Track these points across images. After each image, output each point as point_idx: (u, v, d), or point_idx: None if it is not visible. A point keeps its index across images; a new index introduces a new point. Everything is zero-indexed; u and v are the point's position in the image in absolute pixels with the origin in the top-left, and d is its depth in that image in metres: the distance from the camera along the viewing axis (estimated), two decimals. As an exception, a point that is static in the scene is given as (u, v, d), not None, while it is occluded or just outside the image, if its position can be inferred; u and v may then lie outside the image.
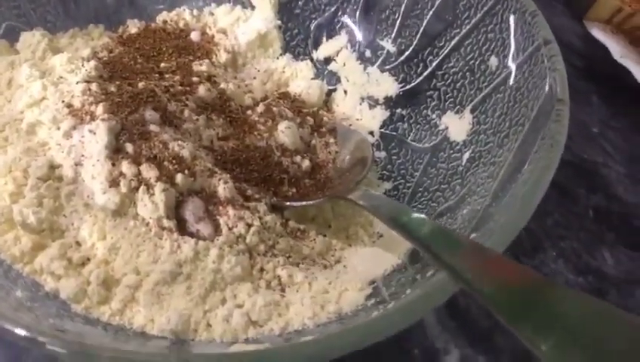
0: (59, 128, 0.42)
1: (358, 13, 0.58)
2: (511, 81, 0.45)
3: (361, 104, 0.57)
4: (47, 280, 0.39)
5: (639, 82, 0.53)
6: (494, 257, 0.32)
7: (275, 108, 0.52)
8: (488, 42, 0.49)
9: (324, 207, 0.49)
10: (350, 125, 0.56)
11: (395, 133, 0.55)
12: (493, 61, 0.48)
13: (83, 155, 0.42)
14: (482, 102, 0.48)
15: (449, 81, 0.52)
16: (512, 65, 0.46)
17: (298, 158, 0.50)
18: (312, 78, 0.59)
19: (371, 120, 0.56)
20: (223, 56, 0.56)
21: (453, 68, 0.52)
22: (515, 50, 0.46)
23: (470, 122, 0.49)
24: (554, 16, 0.72)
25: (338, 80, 0.59)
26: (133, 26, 0.56)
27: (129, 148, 0.42)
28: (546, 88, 0.41)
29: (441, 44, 0.53)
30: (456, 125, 0.50)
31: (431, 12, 0.53)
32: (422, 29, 0.54)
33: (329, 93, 0.59)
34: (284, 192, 0.48)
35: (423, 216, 0.40)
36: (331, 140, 0.53)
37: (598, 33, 0.58)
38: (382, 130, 0.56)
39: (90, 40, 0.54)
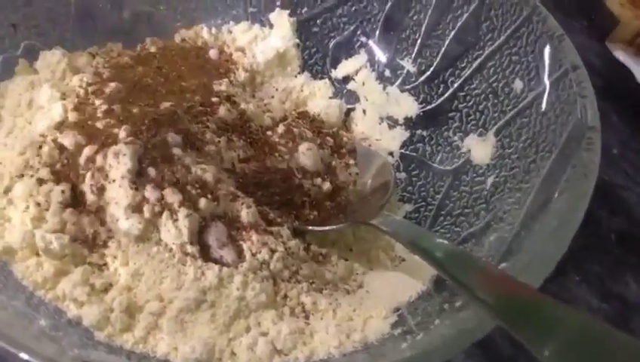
0: (81, 152, 0.42)
1: (377, 32, 0.58)
2: (537, 106, 0.45)
3: (380, 124, 0.57)
4: (70, 306, 0.38)
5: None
6: (522, 288, 0.32)
7: (295, 129, 0.51)
8: (512, 65, 0.48)
9: (345, 231, 0.48)
10: (370, 145, 0.55)
11: (415, 154, 0.54)
12: (518, 84, 0.47)
13: (106, 180, 0.41)
14: (506, 125, 0.48)
15: (471, 102, 0.51)
16: (538, 90, 0.45)
17: (319, 180, 0.49)
18: (331, 98, 0.58)
19: (391, 140, 0.56)
20: (241, 75, 0.56)
21: (476, 90, 0.51)
22: (541, 75, 0.45)
23: (494, 145, 0.48)
24: (572, 35, 0.71)
25: (357, 99, 0.59)
26: (152, 44, 0.56)
27: (152, 172, 0.41)
28: (577, 115, 0.41)
29: (462, 65, 0.52)
30: (480, 148, 0.50)
31: (452, 33, 0.53)
32: (443, 49, 0.54)
33: (348, 112, 0.58)
34: (305, 215, 0.48)
35: (445, 241, 0.40)
36: (351, 161, 0.52)
37: (622, 55, 0.57)
38: (402, 150, 0.55)
39: (108, 59, 0.53)
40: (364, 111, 0.58)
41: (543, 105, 0.44)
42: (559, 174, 0.39)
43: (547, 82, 0.45)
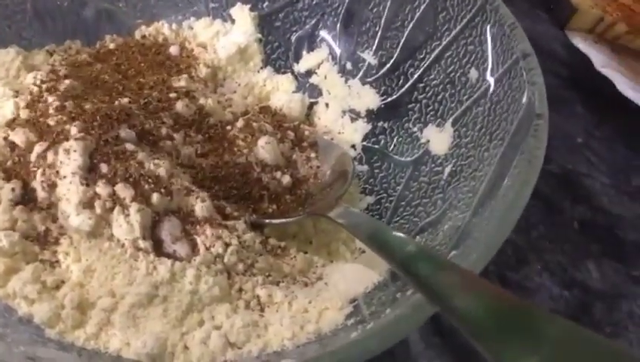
0: (32, 149, 0.42)
1: (338, 25, 0.58)
2: (490, 94, 0.45)
3: (342, 117, 0.57)
4: (21, 304, 0.38)
5: (621, 92, 0.53)
6: (475, 279, 0.32)
7: (254, 123, 0.51)
8: (468, 55, 0.48)
9: (305, 224, 0.48)
10: (332, 139, 0.55)
11: (377, 147, 0.54)
12: (474, 74, 0.48)
13: (57, 176, 0.41)
14: (463, 115, 0.48)
15: (430, 93, 0.51)
16: (491, 79, 0.45)
17: (278, 174, 0.49)
18: (294, 92, 0.58)
19: (353, 133, 0.56)
20: (202, 71, 0.56)
21: (434, 80, 0.51)
22: (493, 63, 0.45)
23: (451, 135, 0.48)
24: (537, 24, 0.72)
25: (319, 93, 0.59)
26: (111, 42, 0.56)
27: (104, 168, 0.41)
28: (525, 102, 0.41)
29: (421, 57, 0.52)
30: (438, 138, 0.50)
31: (411, 24, 0.53)
32: (402, 41, 0.54)
33: (310, 106, 0.58)
34: (264, 209, 0.47)
35: (402, 235, 0.39)
36: (312, 155, 0.52)
37: (580, 43, 0.57)
38: (364, 143, 0.55)
39: (66, 56, 0.53)
40: (326, 105, 0.58)
41: (496, 94, 0.44)
42: (509, 162, 0.39)
43: (500, 70, 0.45)
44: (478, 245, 0.36)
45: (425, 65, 0.52)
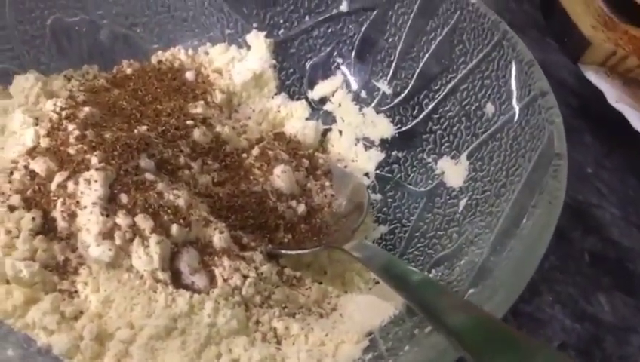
0: (53, 178, 0.42)
1: (353, 53, 0.58)
2: (507, 130, 0.46)
3: (356, 145, 0.57)
4: (40, 335, 0.38)
5: (634, 128, 0.53)
6: (488, 319, 0.32)
7: (270, 152, 0.51)
8: (484, 88, 0.49)
9: (319, 254, 0.49)
10: (345, 166, 0.56)
11: (390, 176, 0.55)
12: (490, 108, 0.48)
13: (77, 206, 0.41)
14: (478, 148, 0.48)
15: (445, 125, 0.52)
16: (509, 114, 0.46)
17: (294, 203, 0.49)
18: (308, 118, 0.58)
19: (367, 161, 0.56)
20: (218, 97, 0.56)
21: (449, 112, 0.52)
22: (511, 99, 0.46)
23: (467, 168, 0.49)
24: (548, 54, 0.73)
25: (333, 120, 0.59)
26: (128, 66, 0.56)
27: (124, 198, 0.41)
28: (545, 140, 0.41)
29: (437, 88, 0.53)
30: (453, 170, 0.50)
31: (427, 55, 0.54)
32: (418, 71, 0.54)
33: (324, 133, 0.58)
34: (279, 238, 0.48)
35: (415, 269, 0.40)
36: (327, 183, 0.53)
37: (593, 76, 0.58)
38: (377, 171, 0.55)
39: (84, 82, 0.53)
40: (340, 132, 0.58)
41: (513, 130, 0.45)
42: (527, 200, 0.40)
43: (517, 107, 0.45)
44: (498, 285, 0.36)
45: (440, 97, 0.52)
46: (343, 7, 0.57)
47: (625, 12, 0.70)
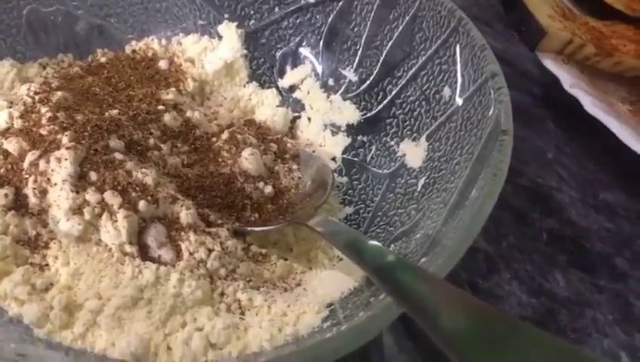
0: (25, 157, 0.43)
1: (321, 43, 0.60)
2: (461, 111, 0.48)
3: (324, 131, 0.59)
4: (11, 305, 0.39)
5: (588, 112, 0.56)
6: (452, 290, 0.33)
7: (239, 136, 0.53)
8: (442, 73, 0.51)
9: (286, 232, 0.50)
10: (314, 151, 0.58)
11: (356, 159, 0.57)
12: (447, 91, 0.50)
13: (48, 183, 0.43)
14: (437, 130, 0.50)
15: (407, 109, 0.54)
16: (462, 96, 0.48)
17: (261, 184, 0.51)
18: (278, 106, 0.60)
19: (334, 146, 0.58)
20: (190, 85, 0.58)
21: (411, 97, 0.54)
22: (464, 82, 0.48)
23: (425, 149, 0.51)
24: (512, 45, 0.75)
25: (302, 107, 0.61)
26: (103, 55, 0.58)
27: (93, 176, 0.43)
28: (493, 119, 0.43)
29: (399, 74, 0.55)
30: (413, 152, 0.52)
31: (390, 43, 0.56)
32: (382, 59, 0.57)
33: (294, 120, 0.60)
34: (246, 218, 0.50)
35: (378, 243, 0.42)
36: (294, 166, 0.54)
37: (550, 64, 0.60)
38: (344, 155, 0.58)
39: (59, 69, 0.55)
40: (309, 119, 0.60)
41: (467, 111, 0.47)
42: (477, 174, 0.42)
43: (470, 89, 0.47)
44: (444, 252, 0.38)
45: (402, 83, 0.55)
46: (311, -3, 0.60)
47: (585, 5, 0.73)
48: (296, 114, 0.61)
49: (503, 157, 0.39)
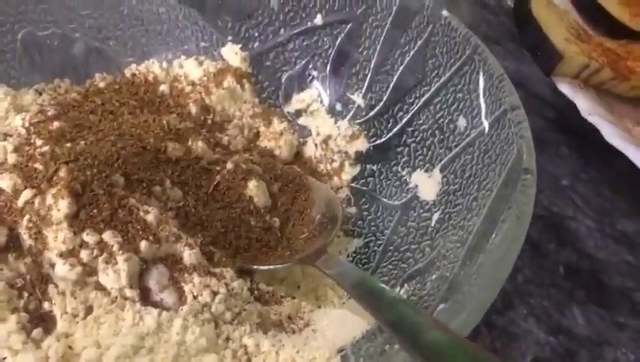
0: (19, 195, 0.41)
1: (328, 67, 0.58)
2: (479, 144, 0.46)
3: (331, 158, 0.57)
4: (5, 355, 0.37)
5: (607, 140, 0.54)
6: (459, 339, 0.32)
7: (244, 166, 0.51)
8: (457, 102, 0.49)
9: (293, 268, 0.48)
10: (321, 180, 0.55)
11: (365, 188, 0.55)
12: (462, 121, 0.48)
13: (44, 223, 0.40)
14: (451, 161, 0.48)
15: (419, 138, 0.52)
16: (479, 128, 0.46)
17: (267, 217, 0.49)
18: (283, 132, 0.58)
19: (342, 174, 0.56)
20: (192, 110, 0.56)
21: (423, 125, 0.52)
22: (480, 113, 0.46)
23: (440, 182, 0.49)
24: (523, 65, 0.73)
25: (309, 133, 0.59)
26: (101, 80, 0.55)
27: (91, 215, 0.41)
28: (514, 154, 0.41)
29: (410, 101, 0.53)
30: (426, 184, 0.50)
31: (401, 68, 0.54)
32: (392, 84, 0.55)
33: (300, 146, 0.58)
34: (252, 253, 0.47)
35: (387, 287, 0.40)
36: (301, 197, 0.52)
37: (566, 89, 0.58)
38: (352, 184, 0.55)
39: (55, 95, 0.53)
40: (315, 145, 0.58)
41: (484, 144, 0.45)
42: (497, 214, 0.40)
43: (487, 121, 0.45)
44: (467, 300, 0.36)
45: (414, 110, 0.53)
46: (318, 20, 0.57)
47: (599, 24, 0.71)
48: (302, 140, 0.58)
49: (526, 199, 0.37)
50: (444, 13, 0.50)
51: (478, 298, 0.35)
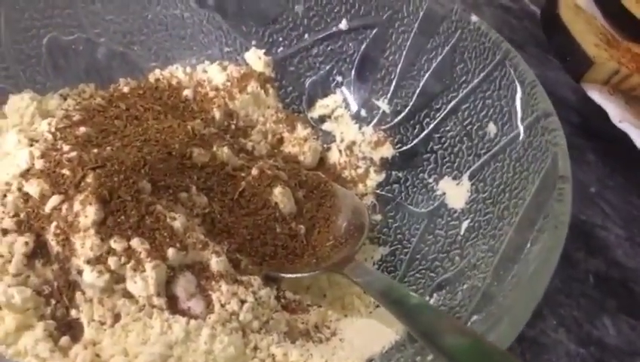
0: (47, 201, 0.41)
1: (353, 72, 0.58)
2: (510, 151, 0.45)
3: (356, 164, 0.56)
4: (32, 362, 0.37)
5: (638, 148, 0.53)
6: (487, 345, 0.31)
7: (269, 172, 0.50)
8: (486, 108, 0.48)
9: (319, 276, 0.47)
10: (347, 187, 0.55)
11: (391, 196, 0.54)
12: (492, 128, 0.47)
13: (71, 230, 0.40)
14: (480, 169, 0.48)
15: (446, 144, 0.51)
16: (511, 135, 0.45)
17: (293, 224, 0.49)
18: (307, 137, 0.58)
19: (367, 181, 0.55)
20: (216, 115, 0.55)
21: (451, 131, 0.51)
22: (514, 120, 0.45)
23: (468, 189, 0.48)
24: (549, 70, 0.72)
25: (333, 139, 0.58)
26: (125, 85, 0.55)
27: (119, 221, 0.40)
28: (548, 163, 0.40)
29: (438, 107, 0.52)
30: (454, 191, 0.49)
31: (428, 74, 0.53)
32: (418, 90, 0.54)
33: (323, 152, 0.58)
34: (279, 261, 0.47)
35: (415, 295, 0.39)
36: (327, 204, 0.52)
37: (596, 95, 0.57)
38: (378, 191, 0.55)
39: (80, 100, 0.52)
40: (340, 152, 0.57)
41: (516, 151, 0.44)
42: (531, 223, 0.39)
43: (520, 128, 0.44)
44: (502, 313, 0.35)
45: (441, 116, 0.52)
46: (343, 25, 0.57)
47: (627, 29, 0.70)
48: (327, 145, 0.58)
49: (564, 208, 0.37)
50: (474, 18, 0.50)
51: (515, 310, 0.34)
